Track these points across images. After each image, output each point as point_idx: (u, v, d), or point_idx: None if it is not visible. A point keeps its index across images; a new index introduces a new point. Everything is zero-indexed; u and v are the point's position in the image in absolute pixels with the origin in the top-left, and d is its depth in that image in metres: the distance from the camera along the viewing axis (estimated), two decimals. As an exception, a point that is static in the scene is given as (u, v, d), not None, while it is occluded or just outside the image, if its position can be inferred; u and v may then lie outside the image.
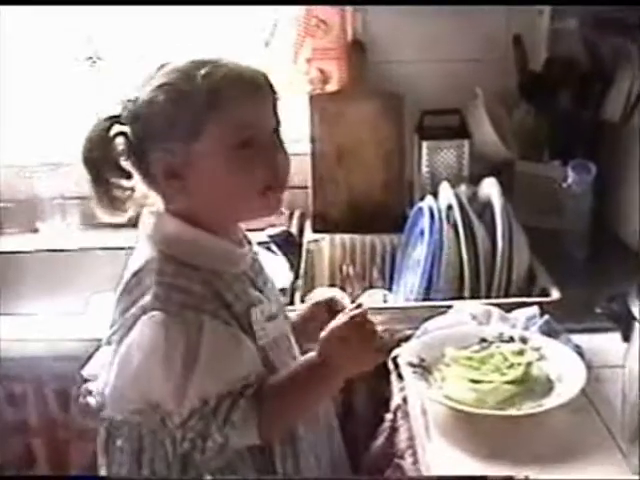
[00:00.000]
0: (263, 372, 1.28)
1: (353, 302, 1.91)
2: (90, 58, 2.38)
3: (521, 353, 1.51)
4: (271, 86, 1.29)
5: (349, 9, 2.23)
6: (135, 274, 1.27)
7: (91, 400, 1.38)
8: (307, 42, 2.20)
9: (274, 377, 1.29)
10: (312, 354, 1.29)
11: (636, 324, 1.21)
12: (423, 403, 1.47)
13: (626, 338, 1.27)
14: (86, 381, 1.43)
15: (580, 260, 2.06)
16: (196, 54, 2.25)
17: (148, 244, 1.30)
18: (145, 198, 1.32)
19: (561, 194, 2.09)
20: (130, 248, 2.25)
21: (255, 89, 1.26)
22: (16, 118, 2.44)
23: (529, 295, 1.87)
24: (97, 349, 1.39)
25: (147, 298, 1.22)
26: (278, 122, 1.30)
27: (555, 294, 1.83)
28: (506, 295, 1.86)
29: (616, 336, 1.37)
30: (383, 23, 2.25)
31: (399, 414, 1.54)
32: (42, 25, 2.37)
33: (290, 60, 2.18)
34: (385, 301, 1.94)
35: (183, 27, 2.29)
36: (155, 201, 1.32)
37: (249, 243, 1.40)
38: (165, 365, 1.20)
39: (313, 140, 2.24)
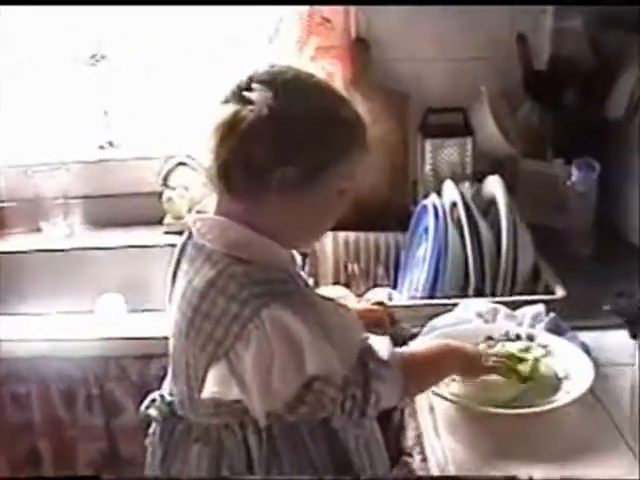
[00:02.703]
0: None
1: (359, 297, 1.93)
2: (93, 56, 2.38)
3: (527, 350, 1.52)
4: None
5: (353, 7, 2.22)
6: (211, 284, 1.23)
7: (152, 412, 1.40)
8: (311, 40, 2.19)
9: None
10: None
11: (645, 321, 1.21)
12: (431, 401, 1.48)
13: (634, 335, 1.27)
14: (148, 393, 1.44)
15: (584, 258, 2.06)
16: (200, 51, 2.29)
17: (213, 254, 1.26)
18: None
19: (565, 192, 2.09)
20: (132, 247, 2.29)
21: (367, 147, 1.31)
22: (19, 118, 2.45)
23: (534, 293, 1.86)
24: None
25: (249, 301, 1.19)
26: None
27: (560, 292, 1.82)
28: (511, 293, 1.85)
29: (622, 334, 1.35)
30: (387, 21, 2.24)
31: (406, 411, 1.55)
32: (43, 24, 2.37)
33: (293, 58, 2.17)
34: (390, 299, 1.94)
35: (185, 24, 2.29)
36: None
37: None
38: (313, 344, 1.20)
39: (317, 138, 2.23)
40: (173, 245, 1.39)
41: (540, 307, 1.69)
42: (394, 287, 2.09)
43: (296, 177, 1.22)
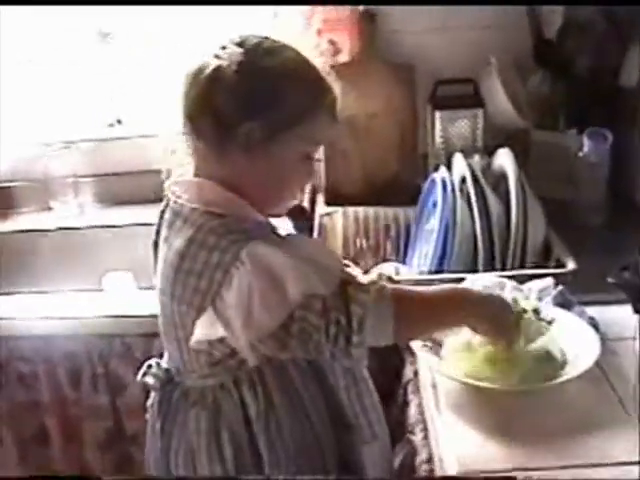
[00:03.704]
0: None
1: (366, 274, 1.90)
2: (102, 35, 2.37)
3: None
4: None
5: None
6: (191, 241, 1.26)
7: (149, 379, 1.43)
8: (317, 13, 2.16)
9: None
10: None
11: (647, 295, 1.17)
12: (433, 377, 1.45)
13: (637, 309, 1.24)
14: (139, 359, 1.50)
15: (597, 229, 2.02)
16: (207, 26, 2.26)
17: (191, 213, 1.29)
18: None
19: (577, 163, 2.05)
20: (143, 224, 2.28)
21: (336, 117, 1.35)
22: (28, 97, 2.44)
23: (545, 266, 1.83)
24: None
25: (229, 247, 1.23)
26: None
27: (571, 265, 1.79)
28: (521, 267, 1.82)
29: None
30: (393, -8, 2.20)
31: (409, 388, 1.53)
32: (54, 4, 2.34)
33: (300, 31, 2.15)
34: (397, 274, 1.91)
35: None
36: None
37: None
38: (293, 270, 1.23)
39: (324, 112, 2.20)
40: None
41: (548, 280, 1.65)
42: (404, 262, 2.07)
43: (260, 134, 1.26)
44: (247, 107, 1.25)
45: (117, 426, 1.89)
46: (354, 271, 1.86)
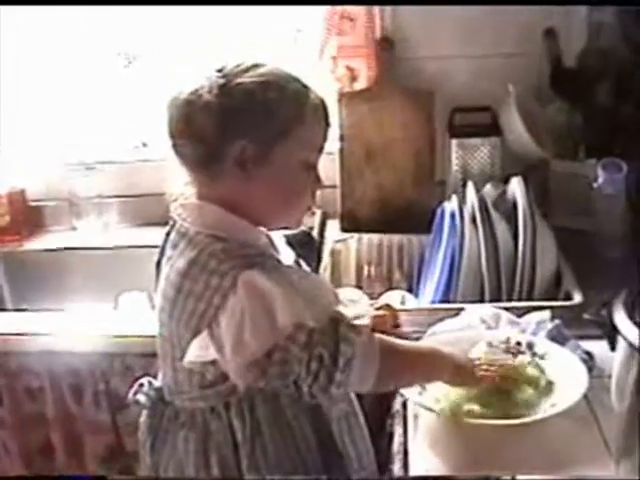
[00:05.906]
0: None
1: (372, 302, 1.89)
2: (126, 59, 2.41)
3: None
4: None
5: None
6: (193, 262, 1.27)
7: (140, 397, 1.44)
8: (333, 39, 2.16)
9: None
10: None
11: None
12: (416, 408, 1.44)
13: (613, 347, 1.21)
14: (139, 378, 1.49)
15: (613, 262, 1.97)
16: (225, 52, 2.28)
17: (195, 235, 1.31)
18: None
19: (593, 194, 2.01)
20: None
21: (327, 120, 1.35)
22: (55, 119, 2.49)
23: (556, 298, 1.80)
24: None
25: (227, 273, 1.23)
26: None
27: (577, 298, 1.76)
28: (529, 298, 1.80)
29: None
30: (412, 19, 2.19)
31: (396, 419, 1.51)
32: (79, 26, 2.39)
33: (315, 57, 2.15)
34: (403, 302, 1.90)
35: (212, 25, 2.29)
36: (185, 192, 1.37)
37: None
38: (284, 299, 1.23)
39: (341, 138, 2.20)
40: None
41: (545, 313, 1.63)
42: (417, 290, 2.06)
43: (254, 150, 1.27)
44: (234, 126, 1.26)
45: (117, 442, 1.91)
46: (363, 298, 1.87)
